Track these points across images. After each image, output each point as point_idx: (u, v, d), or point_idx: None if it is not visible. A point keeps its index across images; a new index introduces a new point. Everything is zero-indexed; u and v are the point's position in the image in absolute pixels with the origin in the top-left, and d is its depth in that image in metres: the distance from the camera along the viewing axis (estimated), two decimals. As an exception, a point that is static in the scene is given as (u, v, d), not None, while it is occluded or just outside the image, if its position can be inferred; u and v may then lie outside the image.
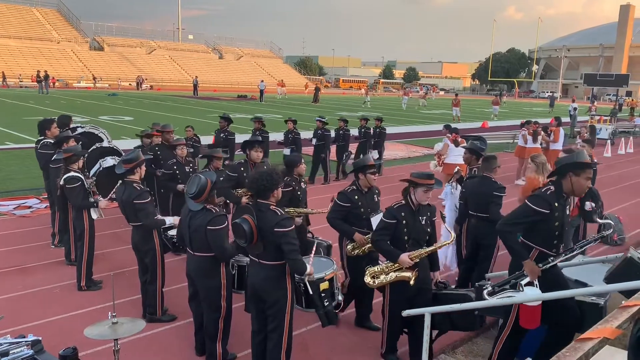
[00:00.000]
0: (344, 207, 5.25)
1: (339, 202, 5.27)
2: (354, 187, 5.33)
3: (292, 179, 6.00)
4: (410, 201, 4.74)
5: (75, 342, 3.78)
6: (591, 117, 29.51)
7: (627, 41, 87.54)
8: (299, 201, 6.01)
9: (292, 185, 5.93)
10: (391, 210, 4.74)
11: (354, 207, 5.23)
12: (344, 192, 5.32)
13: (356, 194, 5.28)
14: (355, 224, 5.25)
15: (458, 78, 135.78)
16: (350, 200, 5.24)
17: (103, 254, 7.28)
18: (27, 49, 60.22)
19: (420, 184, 4.65)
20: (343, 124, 13.70)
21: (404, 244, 4.73)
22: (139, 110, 31.05)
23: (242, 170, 6.61)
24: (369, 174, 5.27)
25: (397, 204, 4.80)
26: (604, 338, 2.38)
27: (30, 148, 12.83)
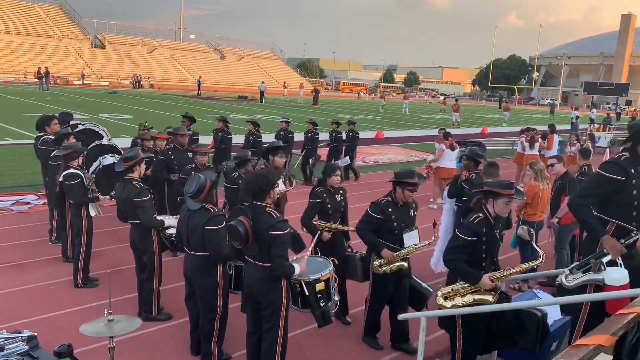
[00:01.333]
0: (376, 219, 4.94)
1: (370, 213, 4.98)
2: (389, 198, 5.02)
3: (323, 189, 5.58)
4: (488, 214, 4.29)
5: (71, 338, 3.78)
6: (591, 125, 29.54)
7: (628, 50, 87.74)
8: (329, 215, 5.54)
9: (323, 196, 5.52)
10: (471, 226, 4.25)
11: (386, 220, 4.92)
12: (378, 203, 5.01)
13: (390, 206, 4.98)
14: (386, 238, 4.97)
15: (458, 83, 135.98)
16: (383, 212, 4.93)
17: (100, 252, 7.28)
18: (29, 46, 60.18)
19: (502, 195, 4.22)
20: (312, 127, 13.08)
21: (481, 262, 4.29)
22: (138, 109, 31.04)
23: None
24: (407, 190, 4.91)
25: (476, 218, 4.28)
26: (599, 345, 2.38)
27: (30, 144, 12.84)
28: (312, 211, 5.49)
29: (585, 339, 2.43)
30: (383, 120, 34.91)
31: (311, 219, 5.47)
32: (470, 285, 4.23)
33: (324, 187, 5.56)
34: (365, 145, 20.81)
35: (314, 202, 5.50)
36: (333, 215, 5.55)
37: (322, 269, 4.50)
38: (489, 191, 4.28)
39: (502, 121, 38.58)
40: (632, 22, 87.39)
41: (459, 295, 4.25)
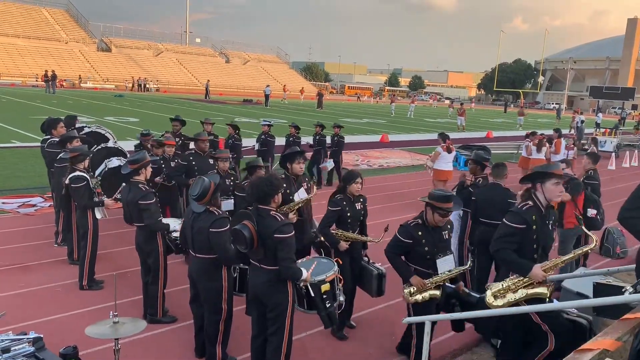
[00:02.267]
0: (404, 243, 4.57)
1: (398, 236, 4.60)
2: (419, 220, 4.60)
3: (343, 197, 5.36)
4: (539, 202, 4.10)
5: (76, 340, 3.80)
6: (597, 130, 29.49)
7: (634, 54, 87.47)
8: (348, 224, 5.34)
9: (342, 204, 5.29)
10: (520, 213, 4.08)
11: (416, 245, 4.53)
12: (406, 226, 4.61)
13: (420, 229, 4.55)
14: (418, 263, 4.60)
15: (463, 87, 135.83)
16: (412, 236, 4.53)
17: (106, 254, 7.30)
18: (36, 49, 60.57)
19: (551, 176, 4.06)
20: (294, 131, 12.70)
21: (532, 254, 4.09)
22: (144, 112, 31.16)
23: (285, 186, 5.83)
24: (438, 214, 4.47)
25: (524, 205, 4.11)
26: (604, 350, 2.38)
27: (36, 147, 12.90)
28: (330, 219, 5.31)
29: (590, 343, 2.43)
30: (388, 124, 34.91)
31: (329, 227, 5.32)
32: (522, 280, 4.02)
33: (344, 195, 5.34)
34: (370, 149, 20.83)
35: (332, 210, 5.30)
36: (352, 224, 5.36)
37: (326, 270, 4.52)
38: (536, 175, 4.11)
39: (503, 125, 38.40)
40: (638, 26, 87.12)
41: (510, 291, 4.04)
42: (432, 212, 4.50)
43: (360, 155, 18.84)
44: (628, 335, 2.58)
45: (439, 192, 4.54)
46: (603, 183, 7.95)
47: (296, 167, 5.95)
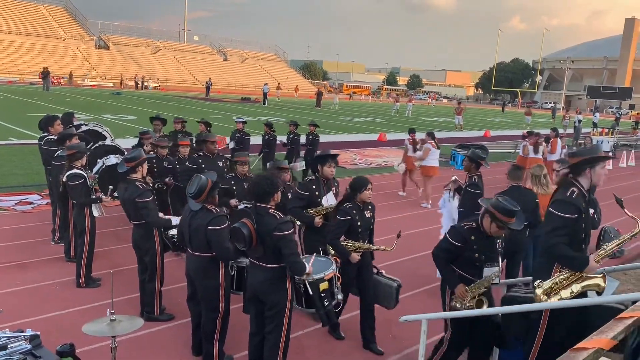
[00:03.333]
0: (454, 247, 4.24)
1: (449, 239, 4.28)
2: (474, 224, 4.27)
3: (352, 205, 5.08)
4: (582, 188, 3.89)
5: (73, 338, 3.79)
6: (594, 129, 29.57)
7: (632, 54, 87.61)
8: (359, 234, 5.09)
9: (352, 213, 5.03)
10: (572, 202, 3.76)
11: (466, 249, 4.21)
12: (458, 228, 4.32)
13: (474, 233, 4.23)
14: (464, 269, 4.29)
15: (461, 86, 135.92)
16: (464, 239, 4.20)
17: (103, 252, 7.30)
18: (33, 46, 60.38)
19: (601, 160, 3.90)
20: (268, 129, 12.44)
21: (580, 244, 3.86)
22: (142, 110, 31.10)
23: (314, 188, 5.72)
24: (496, 225, 4.11)
25: (572, 192, 3.82)
26: (599, 348, 2.39)
27: (33, 144, 12.88)
28: (340, 230, 5.04)
29: (585, 342, 2.43)
30: (386, 123, 34.93)
31: (339, 238, 5.05)
32: (573, 274, 3.75)
33: (353, 203, 5.06)
34: (368, 148, 20.85)
35: (342, 219, 5.01)
36: (362, 234, 5.11)
37: (325, 269, 4.53)
38: (584, 161, 3.87)
39: (500, 124, 38.55)
40: (635, 27, 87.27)
41: (562, 288, 3.74)
42: (490, 221, 4.16)
43: (358, 154, 18.86)
44: (624, 333, 2.59)
45: (504, 204, 4.10)
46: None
47: (327, 170, 5.71)
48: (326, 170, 5.72)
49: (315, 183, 5.76)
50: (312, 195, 5.69)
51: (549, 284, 3.76)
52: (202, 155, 7.66)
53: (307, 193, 5.71)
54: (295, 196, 5.79)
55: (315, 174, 5.84)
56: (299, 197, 5.72)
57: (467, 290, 4.21)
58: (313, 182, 5.81)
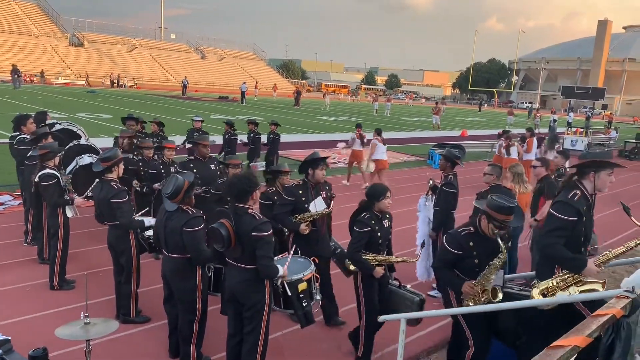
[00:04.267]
0: (453, 255, 4.16)
1: (447, 247, 4.19)
2: (471, 228, 4.18)
3: (370, 215, 4.79)
4: (586, 191, 3.84)
5: (46, 342, 3.70)
6: (568, 129, 30.12)
7: (604, 55, 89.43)
8: (379, 245, 4.84)
9: (371, 224, 4.73)
10: (572, 204, 3.73)
11: (466, 256, 4.12)
12: (455, 235, 4.22)
13: (472, 239, 4.13)
14: (466, 275, 4.19)
15: (439, 86, 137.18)
16: (461, 246, 4.13)
17: (77, 253, 7.16)
18: (5, 43, 59.06)
19: (607, 165, 3.83)
20: (228, 128, 12.17)
21: (579, 247, 3.82)
22: (117, 109, 30.67)
23: (301, 193, 5.40)
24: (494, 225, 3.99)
25: (574, 195, 3.79)
26: (575, 346, 2.41)
27: (4, 144, 12.58)
28: (360, 242, 4.73)
29: (562, 340, 2.46)
30: (365, 122, 35.03)
31: (359, 251, 4.75)
32: (572, 276, 3.71)
33: (371, 213, 4.76)
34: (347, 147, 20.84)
35: (361, 231, 4.72)
36: (382, 245, 4.87)
37: (303, 269, 4.51)
38: (589, 164, 3.81)
39: (477, 124, 39.10)
40: (608, 28, 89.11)
41: (559, 289, 3.72)
42: (487, 222, 4.04)
43: (337, 154, 18.85)
44: (599, 331, 2.63)
45: (500, 202, 3.97)
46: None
47: (319, 173, 5.40)
48: (318, 173, 5.40)
49: (302, 188, 5.43)
50: (298, 201, 5.39)
51: (545, 285, 3.74)
52: (193, 159, 7.27)
53: (293, 199, 5.39)
54: (280, 202, 5.51)
55: (304, 178, 5.49)
56: (284, 203, 5.43)
57: (475, 285, 4.07)
58: (300, 187, 5.45)
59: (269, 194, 5.83)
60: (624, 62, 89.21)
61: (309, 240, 5.37)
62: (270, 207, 5.68)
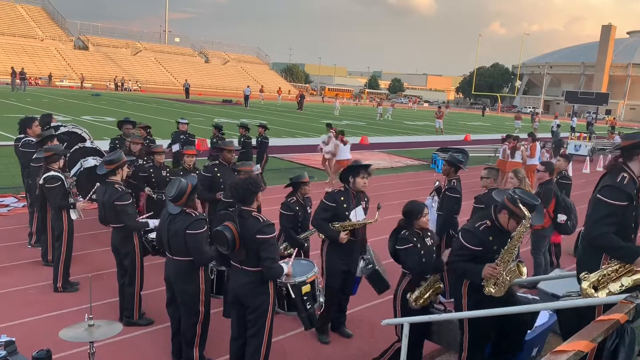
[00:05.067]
0: (471, 251, 4.00)
1: (464, 243, 4.02)
2: (488, 222, 4.04)
3: (410, 232, 4.52)
4: (633, 174, 3.60)
5: (50, 344, 3.72)
6: (572, 134, 30.07)
7: (608, 60, 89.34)
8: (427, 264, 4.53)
9: (413, 241, 4.47)
10: (621, 187, 3.50)
11: (486, 252, 3.98)
12: (474, 230, 4.03)
13: (491, 233, 3.99)
14: None
15: (442, 91, 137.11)
16: (482, 242, 3.97)
17: (81, 255, 7.18)
18: (10, 46, 59.36)
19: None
20: (217, 132, 11.91)
21: (631, 233, 3.59)
22: (122, 112, 30.75)
23: (343, 200, 5.20)
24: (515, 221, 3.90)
25: (622, 178, 3.54)
26: (578, 351, 2.41)
27: (9, 146, 12.64)
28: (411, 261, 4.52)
29: (565, 345, 2.46)
30: (368, 127, 35.07)
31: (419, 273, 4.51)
32: (623, 266, 3.50)
33: (410, 230, 4.56)
34: (350, 151, 20.86)
35: (405, 248, 4.50)
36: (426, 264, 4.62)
37: (307, 271, 4.51)
38: (636, 144, 3.60)
39: (481, 128, 39.11)
40: (612, 33, 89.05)
41: (610, 280, 3.50)
42: (508, 217, 3.93)
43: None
44: (602, 336, 2.63)
45: (523, 198, 3.88)
46: (578, 186, 8.20)
47: (360, 181, 5.17)
48: (359, 182, 5.18)
49: (344, 195, 5.23)
50: (339, 208, 5.17)
51: (595, 277, 3.51)
52: (218, 164, 7.12)
53: (334, 204, 5.17)
54: (321, 207, 5.24)
55: (345, 185, 5.27)
56: (325, 208, 5.19)
57: (496, 266, 3.87)
58: (342, 194, 5.24)
59: (290, 204, 5.69)
60: (628, 67, 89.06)
61: (342, 251, 5.20)
62: (292, 217, 5.63)
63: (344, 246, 5.17)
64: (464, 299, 4.17)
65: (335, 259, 5.23)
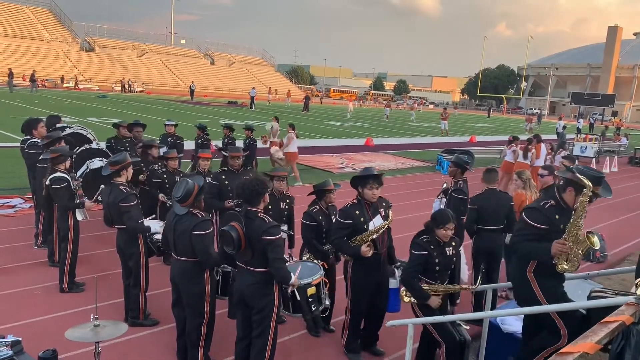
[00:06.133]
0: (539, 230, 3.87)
1: (532, 223, 3.90)
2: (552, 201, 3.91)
3: (430, 239, 4.41)
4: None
5: (56, 344, 3.74)
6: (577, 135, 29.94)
7: (614, 62, 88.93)
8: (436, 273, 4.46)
9: (429, 248, 4.37)
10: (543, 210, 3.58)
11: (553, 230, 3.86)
12: (540, 209, 3.92)
13: (557, 211, 3.92)
14: None
15: (447, 92, 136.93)
16: (549, 220, 3.90)
17: (87, 256, 7.21)
18: (17, 48, 59.71)
19: None
20: (201, 133, 11.50)
21: None
22: (128, 113, 30.86)
23: (358, 214, 4.87)
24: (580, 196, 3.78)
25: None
26: (584, 353, 2.40)
27: (16, 147, 12.71)
28: (415, 267, 4.41)
29: (571, 346, 2.45)
30: (372, 128, 35.04)
31: (414, 277, 4.43)
32: None
33: (431, 237, 4.42)
34: (355, 152, 20.89)
35: (418, 254, 4.39)
36: (441, 274, 4.48)
37: (313, 274, 4.52)
38: None
39: (486, 130, 39.01)
40: (618, 34, 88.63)
41: None
42: (574, 193, 3.80)
43: (345, 159, 18.89)
44: (608, 338, 2.62)
45: (590, 171, 3.74)
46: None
47: (368, 192, 4.86)
48: (367, 193, 4.87)
49: (358, 208, 4.89)
50: (357, 223, 4.84)
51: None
52: (225, 171, 6.93)
53: (351, 221, 4.83)
54: (336, 226, 4.97)
55: (357, 197, 4.99)
56: (341, 227, 4.88)
57: (565, 240, 3.72)
58: (355, 207, 4.90)
59: (313, 214, 5.35)
60: (635, 68, 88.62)
61: (369, 265, 4.87)
62: (315, 228, 5.29)
63: (370, 260, 4.82)
64: (534, 283, 4.02)
65: (363, 276, 4.89)
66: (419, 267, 4.39)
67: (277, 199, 5.73)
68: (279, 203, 5.72)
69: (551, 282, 4.00)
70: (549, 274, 3.95)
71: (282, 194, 5.79)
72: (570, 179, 3.82)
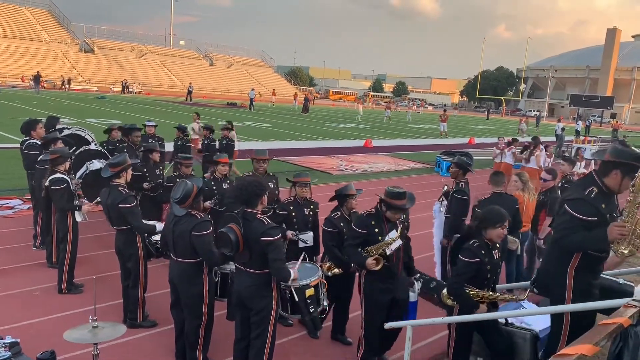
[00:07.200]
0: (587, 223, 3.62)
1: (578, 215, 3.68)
2: (595, 189, 3.68)
3: (480, 244, 4.14)
4: None
5: (54, 345, 3.74)
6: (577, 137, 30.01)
7: (613, 64, 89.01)
8: (485, 280, 4.23)
9: (481, 254, 4.14)
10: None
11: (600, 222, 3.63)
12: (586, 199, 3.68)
13: (602, 200, 3.67)
14: None
15: (447, 94, 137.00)
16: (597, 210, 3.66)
17: (85, 257, 7.20)
18: (16, 49, 59.66)
19: None
20: (180, 134, 11.26)
21: None
22: (127, 114, 30.85)
23: (374, 224, 4.68)
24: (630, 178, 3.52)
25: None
26: (582, 355, 2.40)
27: (15, 148, 12.70)
28: (466, 275, 4.14)
29: (569, 348, 2.45)
30: (372, 129, 35.06)
31: (463, 285, 4.17)
32: None
33: (481, 241, 4.15)
34: (354, 154, 20.89)
35: (469, 261, 4.10)
36: (490, 280, 4.23)
37: (311, 275, 4.52)
38: None
39: (485, 131, 39.05)
40: (617, 37, 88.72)
41: None
42: (621, 176, 3.56)
43: (345, 160, 18.90)
44: (606, 340, 2.62)
45: (633, 151, 3.56)
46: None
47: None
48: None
49: (374, 218, 4.67)
50: (370, 233, 4.65)
51: None
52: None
53: (364, 231, 4.65)
54: (350, 235, 4.83)
55: (376, 207, 4.73)
56: (355, 236, 4.72)
57: (624, 223, 3.46)
58: (372, 217, 4.69)
59: (334, 220, 5.22)
60: (633, 70, 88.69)
61: (382, 278, 4.66)
62: (336, 235, 5.13)
63: (381, 274, 4.64)
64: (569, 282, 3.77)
65: (376, 288, 4.68)
66: (468, 275, 4.11)
67: (300, 205, 5.62)
68: (302, 210, 5.60)
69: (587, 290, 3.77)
70: (588, 272, 3.75)
71: (305, 200, 5.66)
72: (616, 160, 3.56)
